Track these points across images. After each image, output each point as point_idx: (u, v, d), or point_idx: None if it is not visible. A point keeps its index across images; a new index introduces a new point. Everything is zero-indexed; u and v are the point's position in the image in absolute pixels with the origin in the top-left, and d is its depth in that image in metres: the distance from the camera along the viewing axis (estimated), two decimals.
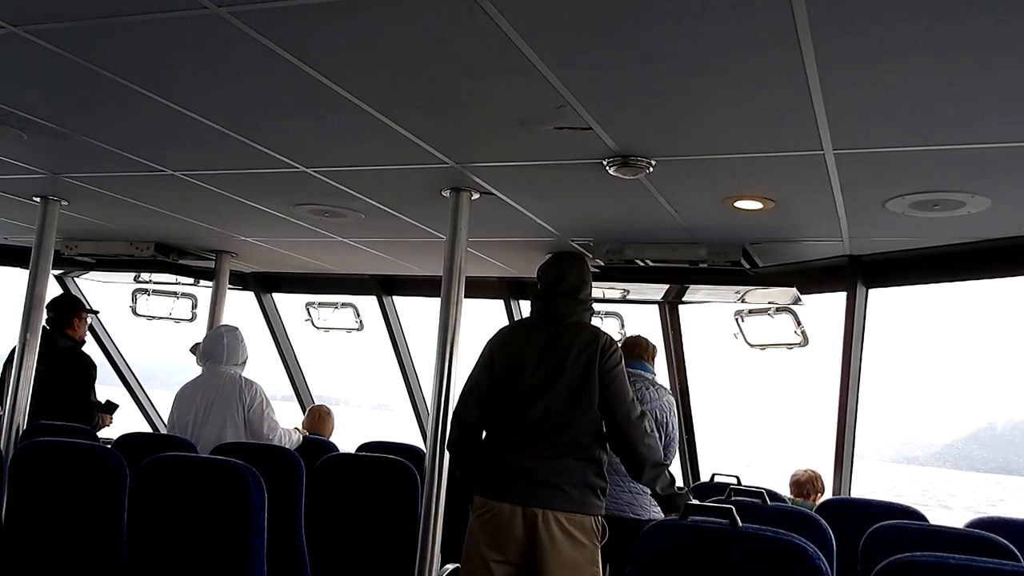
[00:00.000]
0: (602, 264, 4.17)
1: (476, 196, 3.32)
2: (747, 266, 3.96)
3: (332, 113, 2.53)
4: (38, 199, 4.04)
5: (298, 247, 4.98)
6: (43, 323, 4.14)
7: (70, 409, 4.39)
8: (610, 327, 5.38)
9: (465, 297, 3.32)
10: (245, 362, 4.14)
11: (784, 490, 4.17)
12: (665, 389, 3.75)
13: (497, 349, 2.95)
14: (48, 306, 4.38)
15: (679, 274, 4.23)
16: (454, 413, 2.95)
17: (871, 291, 4.24)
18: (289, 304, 6.47)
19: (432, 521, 3.03)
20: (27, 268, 4.09)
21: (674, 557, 1.93)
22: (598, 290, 4.59)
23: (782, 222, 3.49)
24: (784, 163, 2.72)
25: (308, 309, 6.33)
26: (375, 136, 2.72)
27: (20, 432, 3.79)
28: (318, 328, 6.40)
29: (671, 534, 1.94)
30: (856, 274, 4.15)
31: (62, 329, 4.66)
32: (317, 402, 6.11)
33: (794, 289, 4.20)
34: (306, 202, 3.77)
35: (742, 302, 4.65)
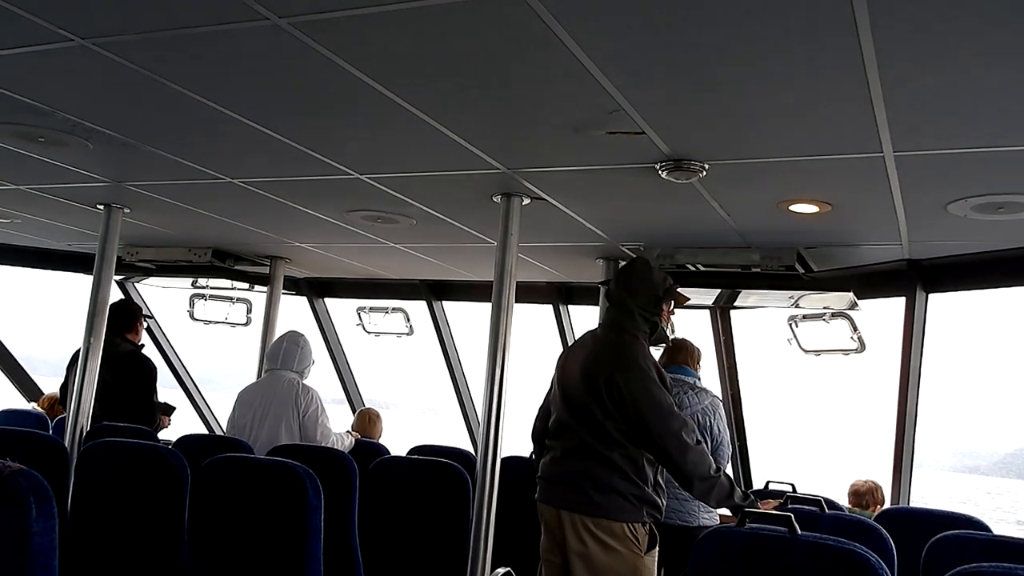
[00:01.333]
0: None
1: (527, 201, 3.33)
2: (801, 270, 3.90)
3: (387, 120, 2.56)
4: (102, 207, 4.16)
5: (350, 253, 5.05)
6: None
7: (131, 411, 4.49)
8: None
9: (515, 302, 3.33)
10: (307, 369, 4.23)
11: (841, 499, 4.09)
12: (707, 392, 3.70)
13: (561, 358, 3.10)
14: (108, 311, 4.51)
15: (731, 279, 4.19)
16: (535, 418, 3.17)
17: (931, 296, 4.14)
18: (341, 309, 6.56)
19: (484, 525, 3.04)
20: (90, 274, 4.22)
21: (731, 564, 1.90)
22: None
23: (839, 226, 3.43)
24: (842, 166, 2.67)
25: (359, 314, 6.41)
26: (428, 142, 2.75)
27: (84, 433, 3.91)
28: (369, 333, 6.48)
29: (728, 541, 1.91)
30: (915, 279, 4.05)
31: (122, 333, 4.78)
32: (367, 405, 6.19)
33: (851, 294, 4.12)
34: (359, 208, 3.82)
35: (796, 307, 4.58)
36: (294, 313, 6.17)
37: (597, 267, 4.56)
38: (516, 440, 3.65)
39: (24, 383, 6.56)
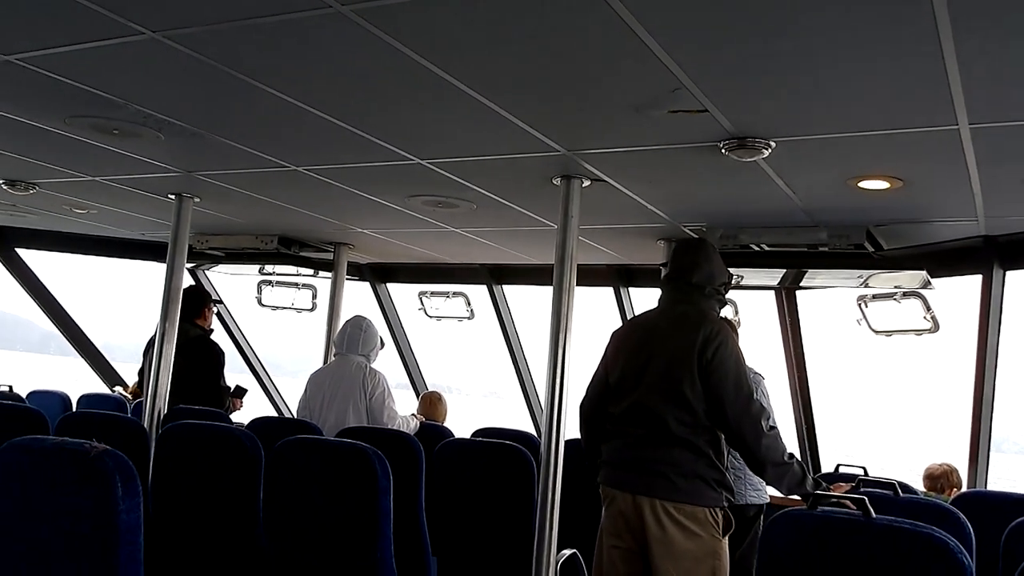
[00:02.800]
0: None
1: (587, 183, 3.31)
2: (871, 249, 3.79)
3: (447, 105, 2.58)
4: (173, 196, 4.29)
5: (412, 238, 5.10)
6: None
7: (202, 394, 4.62)
8: (723, 314, 5.25)
9: (576, 285, 3.33)
10: (373, 352, 4.29)
11: (915, 483, 3.99)
12: (749, 369, 3.63)
13: (614, 338, 3.02)
14: None
15: (797, 258, 4.09)
16: (581, 402, 3.05)
17: (1008, 273, 3.98)
18: (403, 293, 6.64)
19: (549, 508, 3.05)
20: (163, 262, 4.36)
21: (803, 547, 1.87)
22: None
23: (911, 202, 3.32)
24: (915, 140, 2.58)
25: (421, 298, 6.48)
26: (488, 126, 2.75)
27: (161, 416, 4.06)
28: (430, 317, 6.54)
29: (800, 524, 1.89)
30: (992, 255, 3.90)
31: (192, 319, 4.91)
32: (430, 388, 6.26)
33: (924, 272, 3.99)
34: (420, 193, 3.85)
35: (865, 287, 4.46)
36: (358, 298, 6.27)
37: (658, 248, 4.52)
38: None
39: (103, 369, 6.82)
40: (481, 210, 4.06)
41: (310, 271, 6.00)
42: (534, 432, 5.07)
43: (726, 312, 5.23)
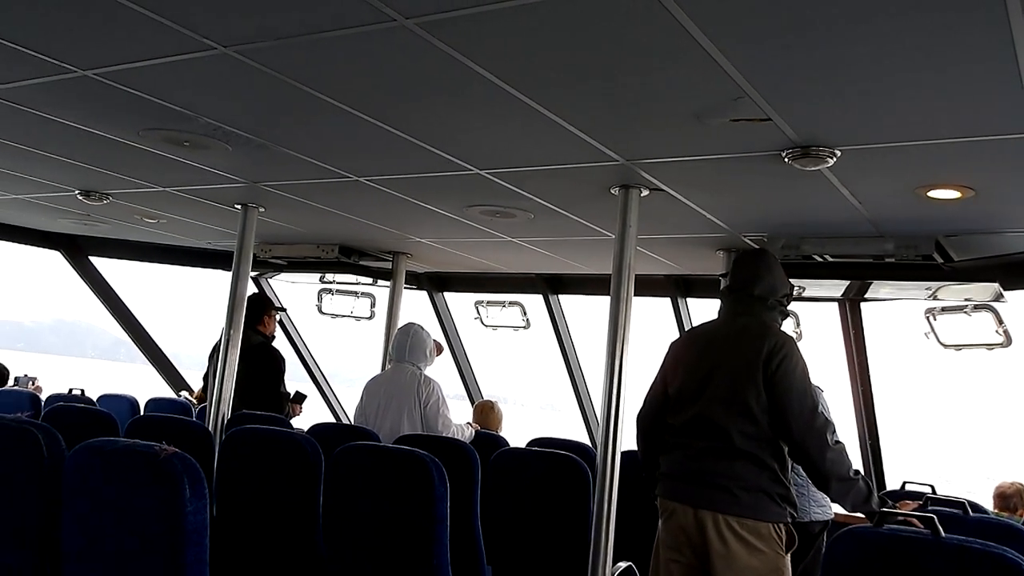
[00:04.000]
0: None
1: (646, 193, 3.29)
2: (940, 260, 3.68)
3: (506, 115, 2.59)
4: (239, 206, 4.41)
5: (469, 247, 5.14)
6: None
7: (262, 400, 4.71)
8: (784, 326, 5.16)
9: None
10: (424, 358, 4.31)
11: (984, 502, 3.84)
12: None
13: (674, 350, 2.98)
14: None
15: (862, 270, 4.00)
16: (638, 413, 3.01)
17: None
18: (460, 302, 6.68)
19: (605, 519, 3.03)
20: (228, 270, 4.48)
21: (868, 566, 1.82)
22: None
23: (982, 212, 3.22)
24: (987, 147, 2.50)
25: (477, 307, 6.51)
26: (547, 136, 2.76)
27: (225, 420, 4.16)
28: (486, 326, 6.57)
29: (865, 542, 1.83)
30: None
31: (254, 326, 5.02)
32: (486, 398, 6.28)
33: (996, 285, 3.85)
34: (478, 203, 3.88)
35: (934, 299, 4.33)
36: (416, 307, 6.33)
37: (717, 259, 4.46)
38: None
39: (170, 373, 7.03)
40: (538, 219, 4.07)
41: (369, 280, 6.09)
42: (589, 444, 5.04)
43: (786, 324, 5.15)
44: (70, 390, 5.30)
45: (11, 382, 5.80)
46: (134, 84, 2.64)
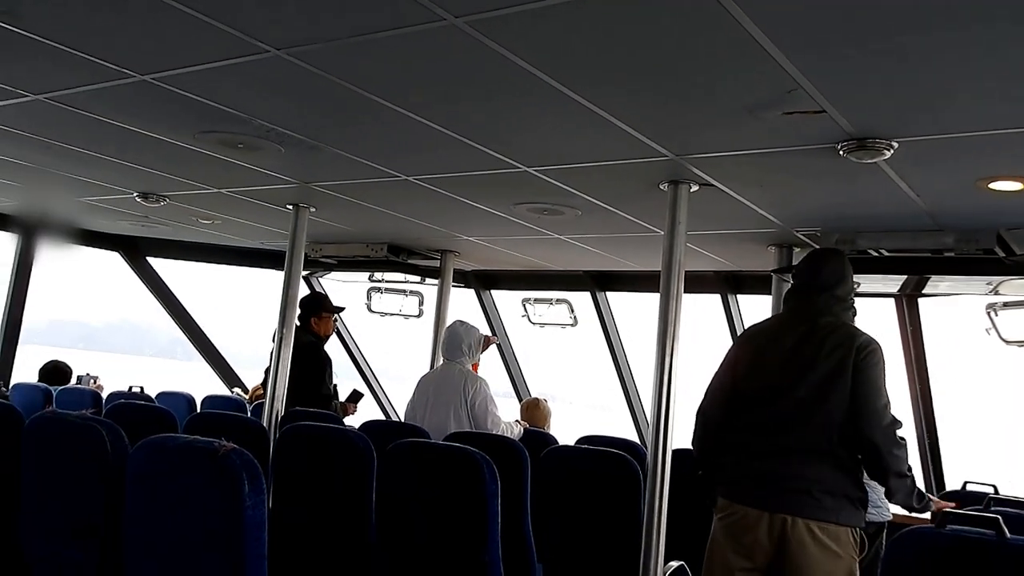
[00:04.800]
0: None
1: (695, 188, 3.26)
2: (1002, 254, 3.57)
3: (555, 112, 2.59)
4: (291, 207, 4.48)
5: (516, 245, 5.15)
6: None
7: (309, 398, 4.79)
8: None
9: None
10: (467, 351, 4.31)
11: None
12: None
13: (743, 346, 2.91)
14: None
15: (920, 264, 3.90)
16: (698, 410, 2.93)
17: None
18: (507, 300, 6.69)
19: (656, 519, 3.01)
20: (281, 270, 4.56)
21: (930, 568, 1.78)
22: None
23: None
24: None
25: (524, 305, 6.52)
26: (595, 132, 2.75)
27: (279, 417, 4.23)
28: (534, 324, 6.57)
29: (927, 543, 1.79)
30: None
31: (305, 326, 5.11)
32: (534, 395, 6.28)
33: None
34: (526, 201, 3.89)
35: (995, 294, 4.20)
36: (464, 304, 6.36)
37: (769, 255, 4.39)
38: (686, 433, 3.59)
39: (225, 371, 7.18)
40: (586, 216, 4.06)
41: (417, 278, 6.14)
42: (638, 442, 5.01)
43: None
44: (130, 388, 5.45)
45: (73, 380, 5.98)
46: (190, 88, 2.70)
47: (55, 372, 5.86)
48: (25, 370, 6.13)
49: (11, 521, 2.63)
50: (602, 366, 6.40)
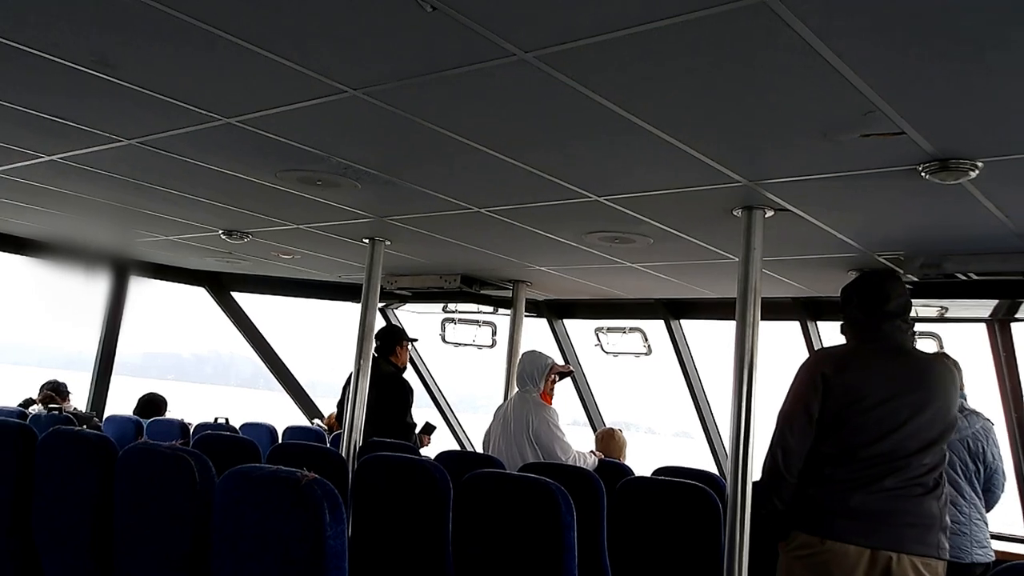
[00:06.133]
0: (915, 280, 3.80)
1: (770, 213, 3.21)
2: None
3: (625, 141, 2.60)
4: (367, 240, 4.59)
5: (588, 274, 5.14)
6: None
7: (391, 429, 4.86)
8: (926, 348, 4.88)
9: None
10: (537, 386, 4.30)
11: None
12: (979, 415, 3.34)
13: (833, 375, 2.74)
14: (375, 336, 4.94)
15: (1012, 288, 3.73)
16: (778, 440, 2.78)
17: None
18: (580, 329, 6.67)
19: (737, 554, 2.93)
20: (358, 302, 4.66)
21: None
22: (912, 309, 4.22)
23: None
24: None
25: (597, 334, 6.48)
26: (666, 160, 2.74)
27: (357, 448, 4.30)
28: (607, 353, 6.53)
29: None
30: None
31: (386, 356, 5.20)
32: (609, 425, 6.21)
33: None
34: (597, 230, 3.89)
35: None
36: (537, 334, 6.37)
37: (849, 280, 4.26)
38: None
39: (305, 402, 7.35)
40: (658, 244, 4.03)
41: (490, 308, 6.19)
42: (717, 473, 4.90)
43: (930, 346, 4.88)
44: (215, 419, 5.63)
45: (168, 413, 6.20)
46: (272, 129, 2.81)
47: (150, 404, 6.12)
48: (123, 400, 6.40)
49: (107, 549, 2.73)
50: (682, 394, 6.31)
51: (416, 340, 5.69)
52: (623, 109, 2.32)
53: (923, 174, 2.58)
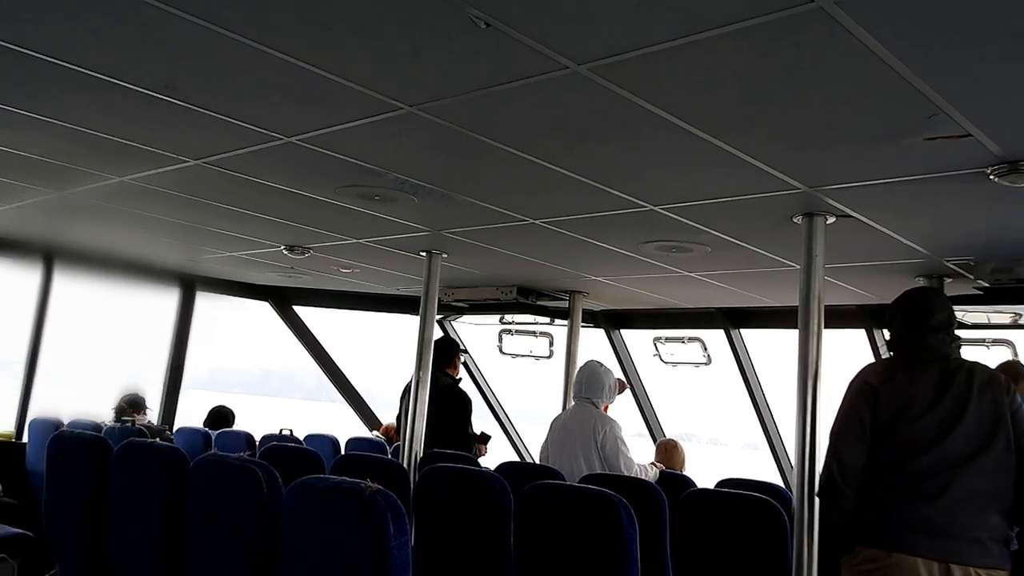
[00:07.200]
0: (986, 285, 3.68)
1: (832, 220, 3.15)
2: None
3: (680, 150, 2.58)
4: (424, 254, 4.65)
5: (644, 284, 5.11)
6: None
7: (451, 439, 4.88)
8: (999, 356, 4.71)
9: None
10: (602, 395, 4.29)
11: None
12: None
13: (881, 386, 2.73)
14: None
15: None
16: (832, 453, 2.74)
17: None
18: (638, 339, 6.62)
19: (806, 567, 2.87)
20: (416, 314, 4.72)
21: None
22: (983, 315, 4.10)
23: None
24: None
25: (655, 344, 6.42)
26: (723, 168, 2.71)
27: (417, 459, 4.34)
28: (666, 363, 6.46)
29: None
30: None
31: (443, 368, 5.23)
32: (669, 436, 6.15)
33: None
34: (653, 239, 3.86)
35: None
36: (594, 345, 6.34)
37: (917, 286, 4.15)
38: None
39: (365, 412, 7.46)
40: (716, 253, 3.98)
41: (547, 319, 6.19)
42: (782, 483, 4.81)
43: (1004, 355, 4.72)
44: (280, 430, 5.75)
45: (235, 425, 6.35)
46: (331, 146, 2.87)
47: (219, 417, 6.29)
48: (194, 413, 6.58)
49: (179, 561, 2.81)
50: (745, 405, 6.21)
51: (466, 351, 5.72)
52: (677, 118, 2.31)
53: (992, 177, 2.51)
